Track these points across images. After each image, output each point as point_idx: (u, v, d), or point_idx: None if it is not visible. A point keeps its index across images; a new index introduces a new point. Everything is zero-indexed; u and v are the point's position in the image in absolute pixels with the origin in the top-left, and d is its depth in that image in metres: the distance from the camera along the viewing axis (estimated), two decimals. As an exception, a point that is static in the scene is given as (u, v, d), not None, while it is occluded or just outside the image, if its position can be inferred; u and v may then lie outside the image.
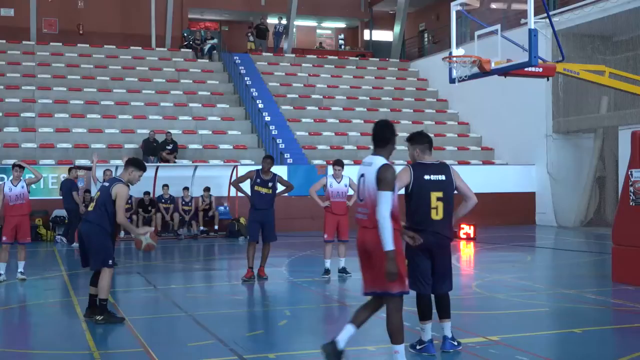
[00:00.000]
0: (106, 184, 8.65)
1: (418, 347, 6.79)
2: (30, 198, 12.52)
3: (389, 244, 5.64)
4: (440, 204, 6.60)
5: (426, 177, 6.63)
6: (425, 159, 6.77)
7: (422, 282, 6.67)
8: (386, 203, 5.73)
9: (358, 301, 9.87)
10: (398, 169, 6.49)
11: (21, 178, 12.25)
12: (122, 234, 19.20)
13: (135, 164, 8.70)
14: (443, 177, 6.66)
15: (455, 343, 6.87)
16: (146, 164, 9.24)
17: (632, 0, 20.28)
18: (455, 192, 6.78)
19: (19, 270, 11.99)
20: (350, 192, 12.13)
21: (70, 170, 18.52)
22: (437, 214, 6.60)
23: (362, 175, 6.05)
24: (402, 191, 6.66)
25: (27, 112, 24.03)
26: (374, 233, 5.76)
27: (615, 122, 21.26)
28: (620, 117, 20.89)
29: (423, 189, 6.61)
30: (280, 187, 11.79)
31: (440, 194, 6.61)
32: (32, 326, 8.81)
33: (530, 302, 9.57)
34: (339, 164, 12.08)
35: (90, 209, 8.66)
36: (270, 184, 11.59)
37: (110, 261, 8.50)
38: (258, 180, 11.57)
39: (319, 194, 12.10)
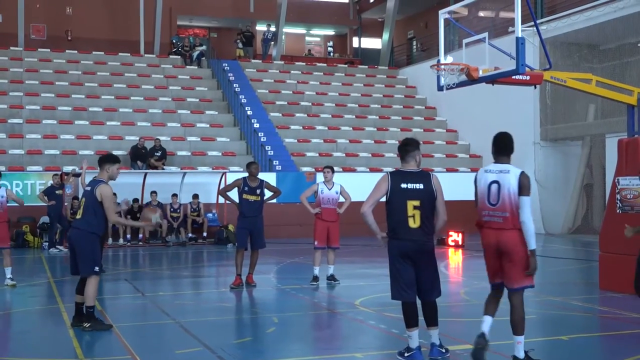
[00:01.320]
0: (88, 187, 8.57)
1: (406, 354, 6.78)
2: (17, 205, 12.47)
3: (533, 243, 6.32)
4: (417, 212, 6.59)
5: (403, 185, 6.62)
6: (406, 167, 6.78)
7: (405, 290, 6.67)
8: (528, 207, 6.37)
9: (347, 308, 9.90)
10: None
11: (0, 185, 12.16)
12: (109, 240, 19.17)
13: (107, 159, 8.59)
14: (421, 186, 6.63)
15: (443, 350, 6.88)
16: (134, 171, 9.23)
17: (618, 9, 20.45)
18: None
19: (8, 276, 11.93)
20: (341, 199, 12.15)
21: (53, 176, 18.59)
22: (414, 222, 6.60)
23: (495, 182, 6.49)
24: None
25: (14, 118, 23.92)
26: (512, 234, 6.35)
27: (603, 129, 21.42)
28: (607, 125, 21.05)
29: (399, 197, 6.61)
30: (268, 193, 11.79)
31: (417, 203, 6.59)
32: (18, 333, 8.75)
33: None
34: (329, 167, 12.13)
35: (78, 216, 8.61)
36: (258, 191, 11.59)
37: (97, 268, 8.47)
38: (246, 188, 11.55)
39: (309, 200, 12.12)
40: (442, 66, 11.30)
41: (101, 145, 23.10)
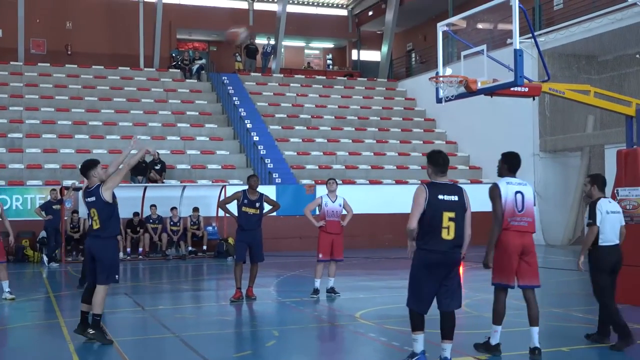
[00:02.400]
0: (91, 198, 8.48)
1: None
2: (17, 219, 12.47)
3: None
4: (452, 224, 6.65)
5: (440, 197, 6.68)
6: (440, 179, 6.83)
7: (422, 302, 6.69)
8: None
9: (348, 321, 9.89)
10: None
11: None
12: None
13: (89, 166, 8.56)
14: (456, 198, 6.73)
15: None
16: (134, 185, 9.25)
17: (615, 20, 20.53)
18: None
19: (6, 290, 11.91)
20: (344, 212, 12.14)
21: (51, 191, 18.62)
22: (448, 234, 6.65)
23: (519, 192, 7.48)
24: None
25: (14, 132, 23.95)
26: (532, 238, 7.55)
27: (602, 140, 21.44)
28: (606, 135, 21.08)
29: (436, 208, 6.65)
30: (267, 207, 11.78)
31: (452, 214, 6.67)
32: (18, 349, 8.71)
33: (518, 320, 9.56)
34: (333, 179, 12.15)
35: (95, 226, 8.49)
36: (257, 204, 11.58)
37: (117, 276, 8.58)
38: (245, 200, 11.54)
39: (312, 214, 12.11)
40: (441, 78, 11.32)
41: (101, 159, 22.58)
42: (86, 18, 31.98)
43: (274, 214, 12.65)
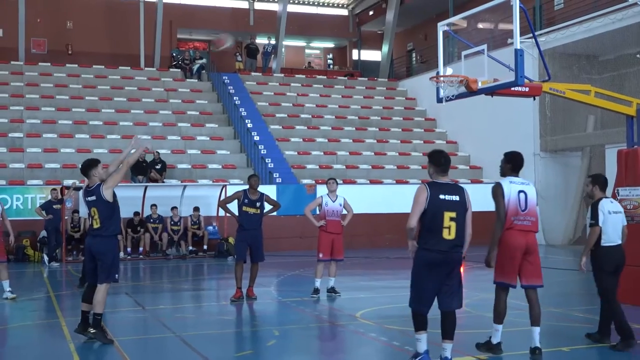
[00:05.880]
0: (92, 197, 8.49)
1: None
2: (17, 218, 12.49)
3: None
4: (453, 224, 6.66)
5: (441, 196, 6.69)
6: (441, 179, 6.83)
7: (423, 302, 6.71)
8: None
9: (348, 320, 9.89)
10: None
11: None
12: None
13: (90, 165, 8.59)
14: (457, 198, 6.73)
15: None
16: (135, 184, 9.24)
17: (616, 20, 20.53)
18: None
19: (7, 289, 11.92)
20: (344, 211, 12.13)
21: (52, 190, 18.62)
22: (449, 234, 6.65)
23: (522, 192, 7.50)
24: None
25: (15, 132, 23.94)
26: (535, 237, 7.54)
27: (602, 140, 21.43)
28: (607, 135, 21.06)
29: (437, 208, 6.65)
30: (267, 207, 11.79)
31: (453, 214, 6.67)
32: (18, 348, 8.71)
33: (519, 320, 9.56)
34: (333, 179, 12.15)
35: (96, 225, 8.51)
36: (258, 204, 11.58)
37: (117, 275, 8.59)
38: (246, 200, 11.55)
39: (312, 213, 12.11)
40: (442, 78, 11.32)
41: (102, 158, 22.53)
42: (87, 18, 31.96)
43: (275, 213, 12.66)
